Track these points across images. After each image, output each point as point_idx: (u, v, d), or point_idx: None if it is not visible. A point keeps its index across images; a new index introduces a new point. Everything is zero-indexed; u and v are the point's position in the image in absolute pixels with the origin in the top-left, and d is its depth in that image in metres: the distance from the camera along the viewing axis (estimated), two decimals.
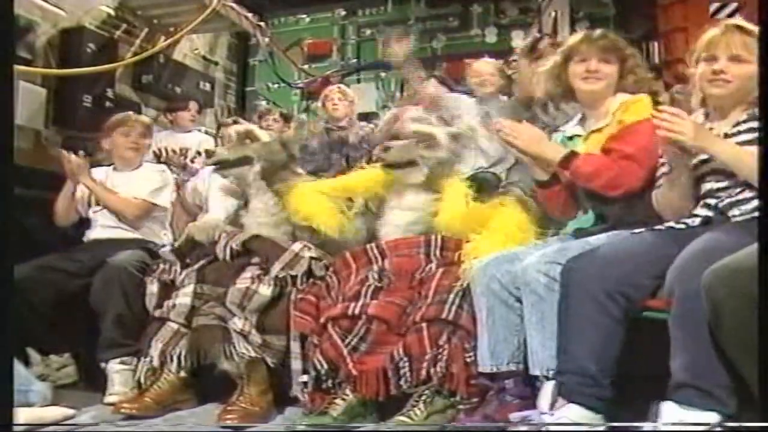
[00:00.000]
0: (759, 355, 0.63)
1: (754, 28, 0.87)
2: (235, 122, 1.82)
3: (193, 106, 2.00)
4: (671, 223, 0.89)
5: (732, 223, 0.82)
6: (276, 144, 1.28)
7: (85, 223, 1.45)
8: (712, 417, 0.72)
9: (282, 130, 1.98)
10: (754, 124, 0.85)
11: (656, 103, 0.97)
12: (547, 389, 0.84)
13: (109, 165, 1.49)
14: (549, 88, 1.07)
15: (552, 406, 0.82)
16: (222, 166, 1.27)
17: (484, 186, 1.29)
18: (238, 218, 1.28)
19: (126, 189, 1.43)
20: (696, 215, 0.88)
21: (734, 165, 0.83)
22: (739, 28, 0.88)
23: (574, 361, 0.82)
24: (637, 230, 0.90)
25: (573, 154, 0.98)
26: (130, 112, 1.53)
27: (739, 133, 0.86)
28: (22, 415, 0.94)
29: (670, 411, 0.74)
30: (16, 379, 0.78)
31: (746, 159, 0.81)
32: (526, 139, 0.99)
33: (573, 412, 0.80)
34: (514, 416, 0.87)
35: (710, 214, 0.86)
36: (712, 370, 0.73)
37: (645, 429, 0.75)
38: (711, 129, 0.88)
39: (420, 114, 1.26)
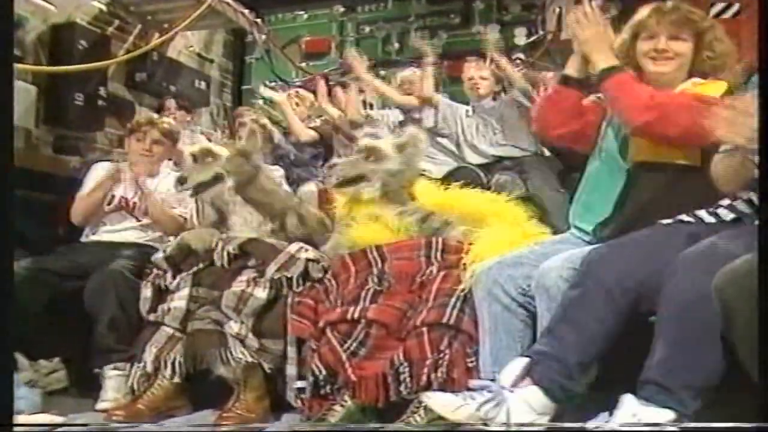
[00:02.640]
0: (759, 356, 0.62)
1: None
2: (254, 120, 1.78)
3: (170, 104, 1.96)
4: (702, 214, 0.82)
5: (738, 228, 0.80)
6: (237, 157, 1.24)
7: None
8: (668, 415, 0.70)
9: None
10: None
11: (731, 91, 0.85)
12: (517, 365, 0.80)
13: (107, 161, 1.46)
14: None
15: (515, 383, 0.78)
16: (197, 189, 1.22)
17: (468, 183, 1.28)
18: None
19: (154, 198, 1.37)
20: (733, 209, 0.81)
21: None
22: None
23: (558, 346, 0.78)
24: (665, 221, 0.83)
25: (616, 69, 0.88)
26: (154, 115, 1.50)
27: None
28: None
29: (627, 403, 0.72)
30: None
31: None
32: (591, 32, 0.89)
33: (532, 395, 0.77)
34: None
35: (748, 211, 0.80)
36: (682, 370, 0.70)
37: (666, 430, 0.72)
38: None
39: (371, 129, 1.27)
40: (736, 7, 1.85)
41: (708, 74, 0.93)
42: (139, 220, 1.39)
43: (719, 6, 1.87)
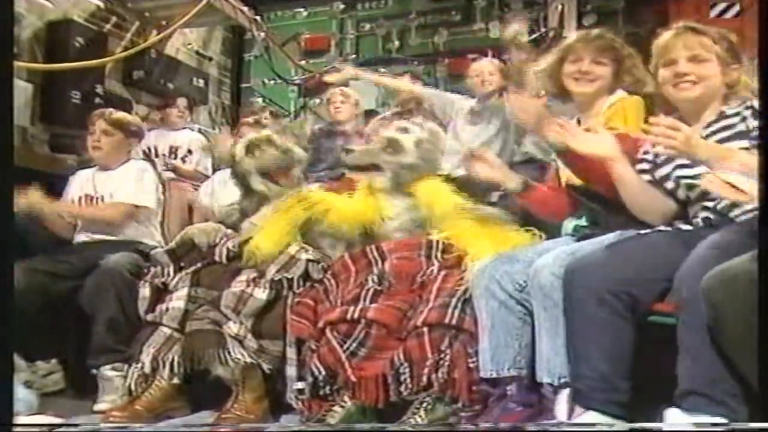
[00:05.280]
0: (759, 356, 0.62)
1: (707, 29, 0.87)
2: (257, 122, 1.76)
3: (181, 102, 1.94)
4: (679, 224, 0.86)
5: (737, 224, 0.80)
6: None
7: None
8: (719, 423, 0.70)
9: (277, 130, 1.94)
10: (726, 122, 0.85)
11: (650, 105, 0.94)
12: (562, 398, 0.82)
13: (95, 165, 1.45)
14: (545, 88, 1.06)
15: (570, 414, 0.80)
16: (250, 146, 1.25)
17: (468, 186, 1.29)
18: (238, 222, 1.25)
19: (105, 189, 1.38)
20: (698, 217, 0.85)
21: (718, 165, 0.79)
22: (692, 29, 0.87)
23: (586, 365, 0.79)
24: (643, 231, 0.87)
25: (528, 186, 0.98)
26: (106, 109, 1.46)
27: (713, 133, 0.85)
28: None
29: (675, 418, 0.72)
30: None
31: (728, 155, 0.79)
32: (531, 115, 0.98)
33: (593, 419, 0.77)
34: (531, 427, 0.85)
35: (711, 216, 0.84)
36: (722, 378, 0.70)
37: (653, 429, 0.72)
38: None
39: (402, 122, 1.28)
40: (737, 8, 1.85)
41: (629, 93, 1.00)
42: None
43: (721, 6, 1.86)
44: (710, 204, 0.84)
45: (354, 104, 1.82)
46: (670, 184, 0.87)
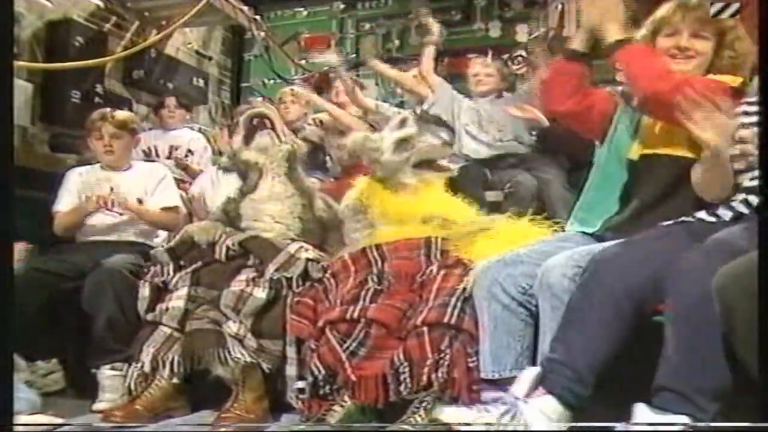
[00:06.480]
0: (759, 355, 0.62)
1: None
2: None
3: (170, 101, 1.94)
4: (702, 215, 0.83)
5: (744, 224, 0.79)
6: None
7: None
8: (684, 421, 0.69)
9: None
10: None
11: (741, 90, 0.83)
12: (529, 375, 0.80)
13: (91, 164, 1.45)
14: None
15: (528, 393, 0.78)
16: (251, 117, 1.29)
17: (468, 179, 1.27)
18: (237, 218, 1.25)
19: (126, 191, 1.38)
20: (732, 209, 0.82)
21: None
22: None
23: (567, 352, 0.78)
24: (666, 223, 0.83)
25: (630, 40, 0.84)
26: (105, 110, 1.46)
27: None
28: None
29: (641, 414, 0.71)
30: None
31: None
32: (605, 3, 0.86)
33: (547, 404, 0.76)
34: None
35: (746, 211, 0.80)
36: (695, 373, 0.69)
37: (617, 429, 0.72)
38: None
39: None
40: (735, 6, 1.83)
41: (726, 72, 0.91)
42: (121, 215, 1.38)
43: (718, 6, 1.84)
44: (754, 198, 0.79)
45: (304, 104, 1.82)
46: (740, 164, 0.79)
